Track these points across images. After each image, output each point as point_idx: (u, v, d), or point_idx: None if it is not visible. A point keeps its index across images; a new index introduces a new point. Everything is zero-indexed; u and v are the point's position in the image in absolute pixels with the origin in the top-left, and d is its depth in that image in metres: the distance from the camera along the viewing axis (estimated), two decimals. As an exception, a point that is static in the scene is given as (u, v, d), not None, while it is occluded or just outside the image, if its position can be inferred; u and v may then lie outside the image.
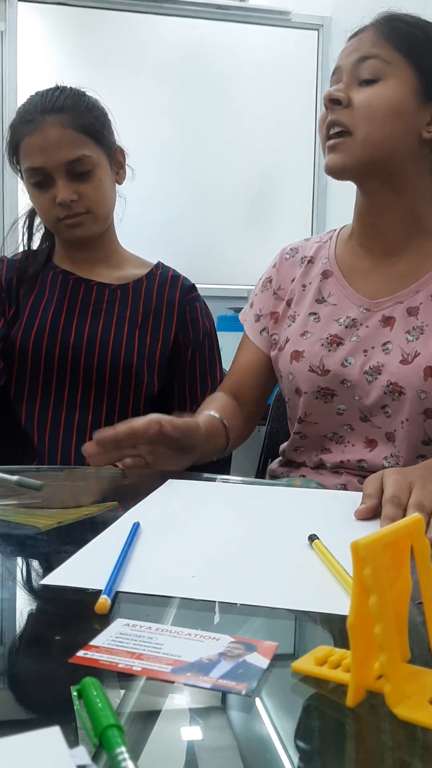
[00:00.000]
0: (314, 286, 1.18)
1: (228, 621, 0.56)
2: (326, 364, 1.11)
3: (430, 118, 1.05)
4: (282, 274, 1.24)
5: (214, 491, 0.96)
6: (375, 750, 0.41)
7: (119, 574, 0.62)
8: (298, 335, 1.15)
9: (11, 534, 0.76)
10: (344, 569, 0.62)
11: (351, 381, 1.09)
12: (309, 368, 1.12)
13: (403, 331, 1.07)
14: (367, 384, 1.07)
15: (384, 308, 1.10)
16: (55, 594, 0.60)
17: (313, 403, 1.12)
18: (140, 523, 0.75)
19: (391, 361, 1.06)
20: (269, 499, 0.92)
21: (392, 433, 1.08)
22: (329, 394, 1.11)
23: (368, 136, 1.03)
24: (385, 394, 1.05)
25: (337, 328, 1.12)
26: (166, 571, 0.65)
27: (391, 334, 1.08)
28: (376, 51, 1.05)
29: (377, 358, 1.07)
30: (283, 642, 0.52)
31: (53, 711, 0.43)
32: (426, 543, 0.47)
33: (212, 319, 1.48)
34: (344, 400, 1.10)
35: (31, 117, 1.31)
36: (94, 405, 1.33)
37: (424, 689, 0.44)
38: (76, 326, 1.34)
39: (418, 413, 1.04)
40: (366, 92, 1.04)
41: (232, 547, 0.72)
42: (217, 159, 3.28)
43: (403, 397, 1.04)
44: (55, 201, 1.30)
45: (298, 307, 1.18)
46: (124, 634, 0.51)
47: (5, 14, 3.09)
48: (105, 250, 1.42)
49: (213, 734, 0.42)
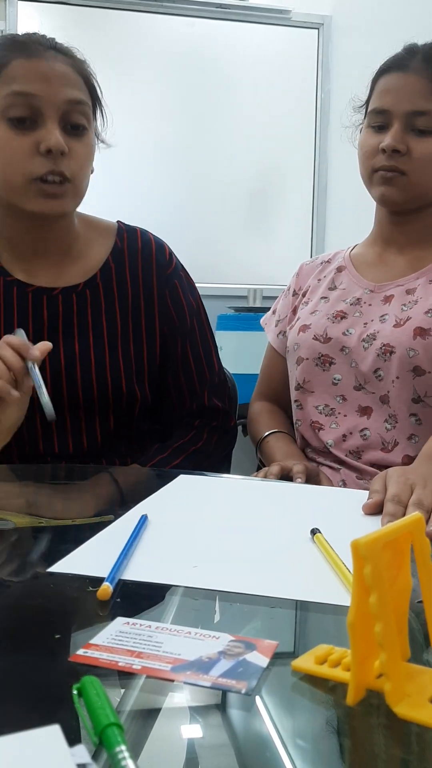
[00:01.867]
0: (328, 278, 1.30)
1: (228, 620, 0.56)
2: (329, 332, 1.21)
3: None
4: (301, 279, 1.37)
5: (223, 487, 0.98)
6: (375, 749, 0.41)
7: (123, 563, 0.63)
8: (308, 314, 1.27)
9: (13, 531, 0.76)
10: (343, 562, 0.63)
11: (349, 347, 1.19)
12: (313, 336, 1.22)
13: (399, 305, 1.18)
14: (363, 350, 1.17)
15: (386, 289, 1.22)
16: (55, 592, 0.60)
17: (312, 371, 1.21)
18: (148, 515, 0.76)
19: (386, 327, 1.16)
20: (274, 495, 0.93)
21: (386, 395, 1.15)
22: (327, 362, 1.20)
23: (421, 181, 1.16)
24: (378, 357, 1.14)
25: (343, 306, 1.24)
26: (169, 562, 0.66)
27: (388, 308, 1.19)
28: (428, 107, 1.13)
29: (374, 327, 1.18)
30: (283, 641, 0.52)
31: (53, 709, 0.43)
32: (426, 542, 0.47)
33: (196, 290, 1.28)
34: (341, 369, 1.19)
35: (26, 41, 1.08)
36: (87, 430, 1.16)
37: (424, 688, 0.44)
38: (49, 355, 1.04)
39: (407, 371, 1.12)
40: (424, 144, 1.14)
41: (234, 539, 0.73)
42: (216, 158, 3.28)
43: (393, 356, 1.13)
44: (37, 149, 1.03)
45: (312, 294, 1.31)
46: (123, 632, 0.51)
47: (5, 13, 3.09)
48: (66, 241, 1.17)
49: (213, 733, 0.42)
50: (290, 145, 3.29)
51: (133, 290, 1.19)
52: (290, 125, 3.27)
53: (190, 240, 3.24)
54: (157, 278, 1.20)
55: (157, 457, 1.17)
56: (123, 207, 3.03)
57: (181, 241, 3.18)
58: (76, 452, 1.16)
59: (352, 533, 0.45)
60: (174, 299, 1.22)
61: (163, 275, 1.21)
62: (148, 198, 3.15)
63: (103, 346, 1.15)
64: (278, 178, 3.35)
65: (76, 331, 1.15)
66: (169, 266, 1.23)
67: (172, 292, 1.22)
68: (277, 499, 0.91)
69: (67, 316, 1.15)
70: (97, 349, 1.15)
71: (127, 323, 1.18)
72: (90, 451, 1.17)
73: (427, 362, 1.11)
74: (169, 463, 1.16)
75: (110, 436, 1.18)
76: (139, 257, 1.20)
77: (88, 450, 1.16)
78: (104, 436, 1.17)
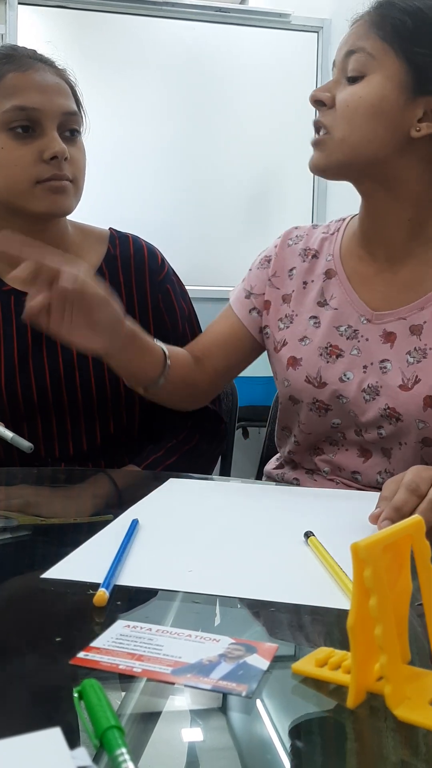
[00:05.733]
0: (317, 285, 1.11)
1: (228, 622, 0.56)
2: (324, 376, 1.06)
3: (423, 113, 0.96)
4: (280, 260, 1.17)
5: (213, 490, 0.98)
6: (375, 751, 0.41)
7: (117, 568, 0.63)
8: (296, 340, 1.10)
9: (9, 534, 0.76)
10: (338, 565, 0.63)
11: (347, 398, 1.04)
12: (306, 378, 1.08)
13: (404, 352, 1.02)
14: (364, 402, 1.03)
15: (386, 321, 1.04)
16: (55, 595, 0.60)
17: (308, 415, 1.09)
18: (139, 520, 0.76)
19: (390, 384, 1.01)
20: (267, 498, 0.93)
21: (389, 449, 1.04)
22: (324, 408, 1.07)
23: (346, 138, 0.98)
24: (382, 417, 1.02)
25: (338, 338, 1.07)
26: (164, 566, 0.66)
27: (391, 351, 1.03)
28: (362, 44, 0.98)
29: (376, 377, 1.03)
30: (284, 643, 0.52)
31: (54, 712, 0.43)
32: (426, 545, 0.47)
33: (187, 295, 1.30)
34: (339, 415, 1.07)
35: (13, 54, 1.11)
36: (87, 433, 1.18)
37: (424, 690, 0.44)
38: (48, 360, 1.13)
39: (415, 441, 1.01)
40: (347, 91, 0.98)
41: (228, 543, 0.73)
42: (216, 161, 3.29)
43: (400, 423, 1.01)
44: (40, 156, 1.08)
45: (298, 306, 1.12)
46: (124, 635, 0.51)
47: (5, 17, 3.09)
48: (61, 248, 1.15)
49: (213, 735, 0.42)
50: (290, 149, 3.29)
51: (127, 295, 1.20)
52: (290, 128, 3.28)
53: (190, 243, 3.25)
54: (150, 283, 1.22)
55: (151, 457, 1.17)
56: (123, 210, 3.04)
57: (181, 243, 3.21)
58: (76, 455, 1.17)
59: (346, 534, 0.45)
60: (167, 304, 1.23)
61: (155, 280, 1.22)
62: (148, 201, 3.15)
63: None
64: (278, 181, 3.35)
65: None
66: (161, 272, 1.24)
67: (165, 297, 1.23)
68: (268, 501, 0.91)
69: None
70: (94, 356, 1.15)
71: None
72: (90, 454, 1.18)
73: None
74: (163, 462, 1.17)
75: (109, 438, 1.19)
76: (131, 263, 1.22)
77: (87, 452, 1.18)
78: (103, 439, 1.18)
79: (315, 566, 0.65)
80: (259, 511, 0.86)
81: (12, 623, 0.56)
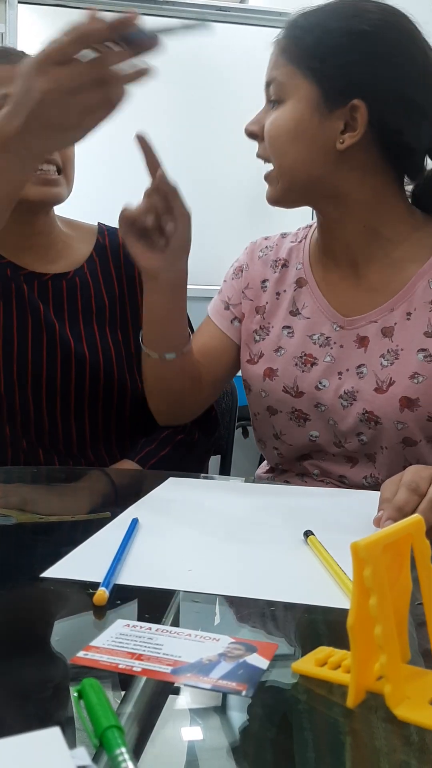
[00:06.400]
0: (288, 295, 1.11)
1: (228, 622, 0.56)
2: (300, 385, 1.06)
3: (344, 125, 0.96)
4: (252, 272, 1.18)
5: (213, 489, 0.98)
6: (375, 751, 0.41)
7: (117, 567, 0.63)
8: (271, 350, 1.10)
9: (7, 533, 0.76)
10: (337, 564, 0.63)
11: (325, 405, 1.04)
12: (283, 388, 1.07)
13: (378, 355, 1.01)
14: (342, 409, 1.03)
15: (358, 326, 1.04)
16: (55, 594, 0.60)
17: (287, 424, 1.08)
18: (139, 519, 0.76)
19: (366, 388, 1.01)
20: (266, 497, 0.93)
21: (373, 454, 1.03)
22: (302, 418, 1.06)
23: (280, 166, 1.00)
24: (361, 422, 1.01)
25: (311, 347, 1.07)
26: (164, 565, 0.66)
27: (365, 356, 1.02)
28: (274, 73, 1.00)
29: (352, 383, 1.03)
30: (283, 643, 0.52)
31: (53, 711, 0.43)
32: (426, 544, 0.47)
33: None
34: (317, 426, 1.06)
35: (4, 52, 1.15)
36: (76, 424, 1.18)
37: (424, 690, 0.44)
38: (47, 337, 1.15)
39: (396, 442, 1.00)
40: (269, 120, 1.00)
41: (228, 542, 0.73)
42: (216, 160, 3.28)
43: (379, 426, 1.00)
44: None
45: (272, 318, 1.12)
46: (124, 634, 0.51)
47: (5, 16, 3.09)
48: (50, 237, 1.22)
49: (213, 735, 0.42)
50: (290, 147, 3.30)
51: (118, 282, 1.23)
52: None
53: (190, 242, 3.24)
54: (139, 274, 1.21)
55: (145, 449, 1.17)
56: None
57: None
58: (67, 447, 1.18)
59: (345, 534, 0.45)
60: None
61: None
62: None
63: (93, 331, 1.19)
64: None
65: (67, 318, 1.18)
66: None
67: None
68: (268, 500, 0.91)
69: (58, 301, 1.19)
70: (88, 333, 1.18)
71: (114, 312, 1.22)
72: (80, 445, 1.18)
73: (417, 432, 0.99)
74: (157, 454, 1.17)
75: (100, 430, 1.20)
76: (121, 252, 1.24)
77: (78, 444, 1.18)
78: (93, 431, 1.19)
79: (314, 565, 0.65)
80: (259, 510, 0.86)
81: (11, 622, 0.56)
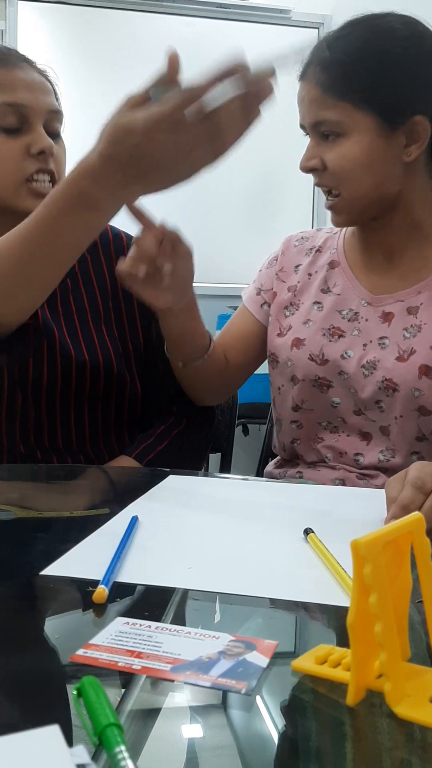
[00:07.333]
0: (320, 275, 1.18)
1: (228, 619, 0.56)
2: (326, 353, 1.12)
3: (405, 139, 1.03)
4: (287, 259, 1.24)
5: (213, 487, 0.98)
6: (375, 749, 0.41)
7: (117, 565, 0.63)
8: (300, 323, 1.16)
9: (7, 531, 0.76)
10: (337, 562, 0.63)
11: (348, 373, 1.10)
12: (309, 356, 1.13)
13: (401, 328, 1.08)
14: (363, 378, 1.08)
15: (385, 304, 1.11)
16: (55, 592, 0.60)
17: (310, 391, 1.13)
18: (139, 516, 0.76)
19: (387, 357, 1.07)
20: (267, 495, 0.93)
21: (387, 427, 1.08)
22: (325, 385, 1.11)
23: (354, 193, 1.05)
24: (380, 390, 1.07)
25: (340, 321, 1.13)
26: (163, 563, 0.66)
27: (389, 329, 1.09)
28: (326, 114, 1.04)
29: (374, 353, 1.09)
30: (283, 641, 0.52)
31: (53, 709, 0.43)
32: (426, 542, 0.47)
33: None
34: (339, 393, 1.11)
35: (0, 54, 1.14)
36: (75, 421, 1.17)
37: (424, 688, 0.44)
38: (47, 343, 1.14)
39: (411, 410, 1.05)
40: (333, 152, 1.04)
41: (228, 539, 0.73)
42: (216, 158, 3.28)
43: (397, 393, 1.05)
44: (28, 151, 1.10)
45: (302, 295, 1.19)
46: (123, 632, 0.51)
47: (5, 13, 3.09)
48: None
49: (213, 733, 0.42)
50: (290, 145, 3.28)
51: (111, 279, 1.22)
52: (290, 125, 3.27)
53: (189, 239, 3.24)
54: None
55: (142, 445, 1.18)
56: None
57: (181, 240, 3.20)
58: (65, 444, 1.17)
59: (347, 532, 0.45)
60: None
61: None
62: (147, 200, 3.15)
63: (90, 330, 1.19)
64: (278, 177, 3.35)
65: (62, 317, 1.18)
66: None
67: None
68: (268, 498, 0.91)
69: (52, 303, 1.18)
70: (85, 333, 1.18)
71: (108, 308, 1.22)
72: (79, 443, 1.18)
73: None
74: (155, 449, 1.17)
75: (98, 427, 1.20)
76: (111, 248, 1.25)
77: (77, 442, 1.18)
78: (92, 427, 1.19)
79: (315, 563, 0.65)
80: (259, 507, 0.86)
81: (11, 620, 0.56)
